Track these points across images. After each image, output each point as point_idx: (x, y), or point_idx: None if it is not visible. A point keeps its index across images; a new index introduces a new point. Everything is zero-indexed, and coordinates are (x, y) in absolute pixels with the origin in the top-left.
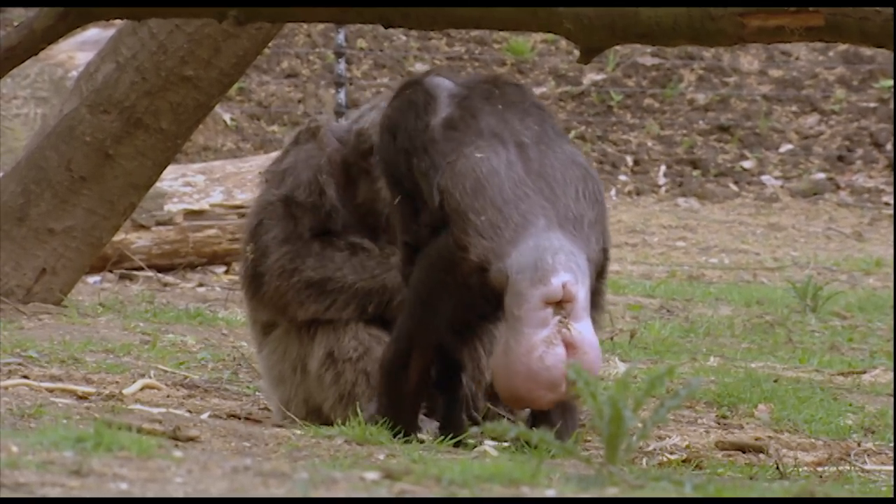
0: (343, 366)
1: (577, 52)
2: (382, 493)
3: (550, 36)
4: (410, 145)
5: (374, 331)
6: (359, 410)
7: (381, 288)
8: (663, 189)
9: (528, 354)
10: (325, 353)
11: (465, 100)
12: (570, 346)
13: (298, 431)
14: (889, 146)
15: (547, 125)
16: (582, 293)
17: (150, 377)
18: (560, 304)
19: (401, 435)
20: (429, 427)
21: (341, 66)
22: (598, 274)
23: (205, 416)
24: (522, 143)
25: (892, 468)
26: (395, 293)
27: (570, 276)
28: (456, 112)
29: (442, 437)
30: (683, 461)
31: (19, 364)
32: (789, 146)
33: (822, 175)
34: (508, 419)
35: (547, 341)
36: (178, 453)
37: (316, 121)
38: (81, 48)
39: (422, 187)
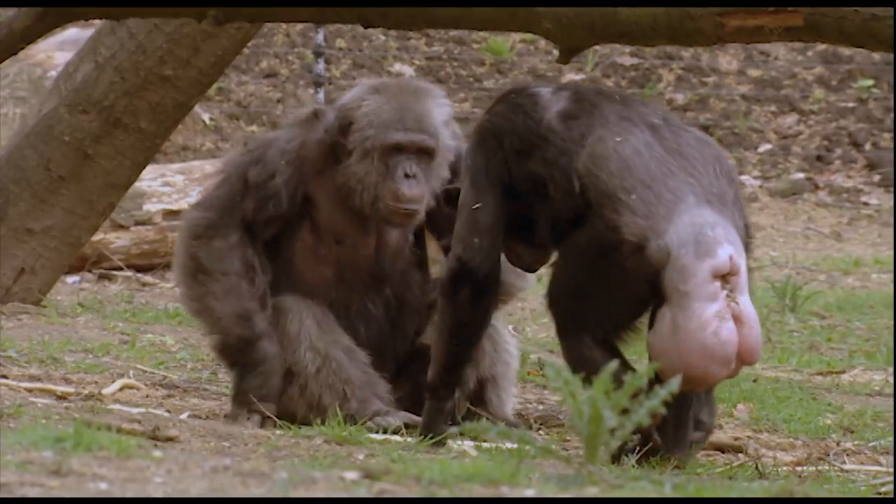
0: (305, 380)
1: (556, 52)
2: (362, 492)
3: (529, 36)
4: (522, 145)
5: (330, 335)
6: (338, 411)
7: (245, 312)
8: None
9: (701, 330)
10: (285, 371)
11: (576, 94)
12: (737, 319)
13: (278, 431)
14: (868, 146)
15: (666, 113)
16: (744, 265)
17: (129, 377)
18: (725, 278)
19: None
20: (399, 418)
21: (320, 66)
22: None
23: (184, 415)
24: (654, 124)
25: (870, 468)
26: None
27: (734, 249)
28: (572, 105)
29: (421, 438)
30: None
31: None
32: (768, 146)
33: (800, 175)
34: (487, 419)
35: (719, 315)
36: (157, 453)
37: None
38: (60, 48)
39: (545, 181)
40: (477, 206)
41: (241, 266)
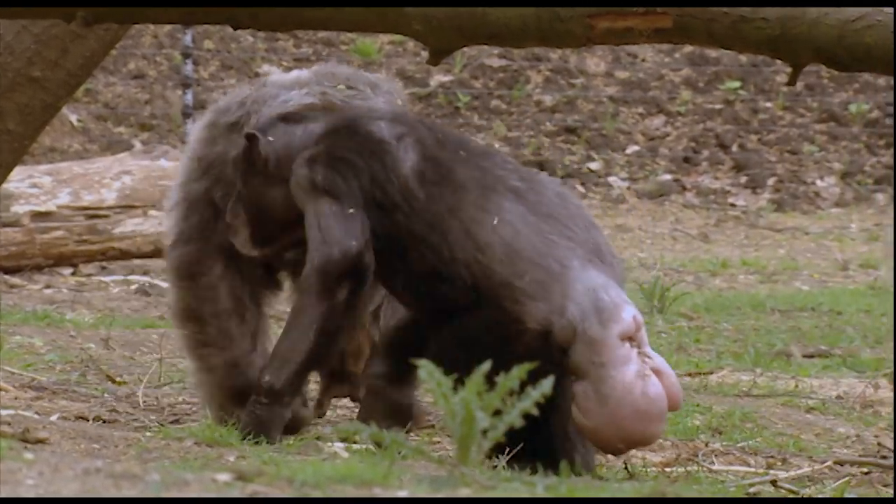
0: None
1: (424, 54)
2: (235, 494)
3: (398, 37)
4: (382, 195)
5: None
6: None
7: (234, 360)
8: None
9: (630, 394)
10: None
11: (421, 146)
12: (657, 372)
13: (148, 433)
14: (735, 147)
15: (512, 163)
16: (642, 319)
17: None
18: (632, 337)
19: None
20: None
21: (188, 68)
22: None
23: (54, 417)
24: (516, 188)
25: (739, 468)
26: None
27: (633, 307)
28: (423, 164)
29: (291, 441)
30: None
31: None
32: (636, 147)
33: (668, 176)
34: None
35: (640, 374)
36: (28, 455)
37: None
38: None
39: (406, 251)
40: (351, 210)
41: (231, 302)
